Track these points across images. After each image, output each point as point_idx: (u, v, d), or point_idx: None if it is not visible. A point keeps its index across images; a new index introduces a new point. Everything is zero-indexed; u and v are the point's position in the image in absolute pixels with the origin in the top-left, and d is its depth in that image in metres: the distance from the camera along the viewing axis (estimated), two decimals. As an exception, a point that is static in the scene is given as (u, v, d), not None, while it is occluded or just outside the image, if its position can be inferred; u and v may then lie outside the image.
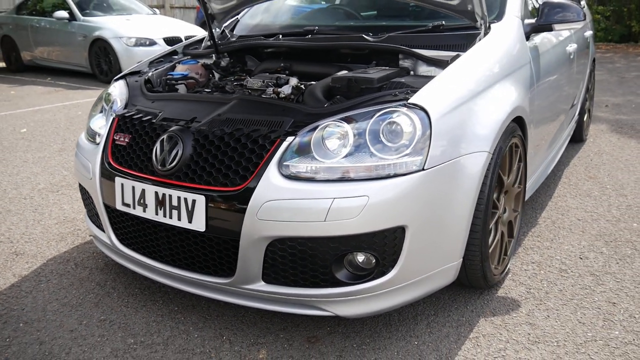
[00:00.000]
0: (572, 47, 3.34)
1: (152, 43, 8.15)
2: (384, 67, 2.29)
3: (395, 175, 1.71)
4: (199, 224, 1.81)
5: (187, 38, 8.43)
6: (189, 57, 2.85)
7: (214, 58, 2.79)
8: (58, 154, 4.42)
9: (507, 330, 1.99)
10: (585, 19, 2.61)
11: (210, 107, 2.06)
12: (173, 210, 1.86)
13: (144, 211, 1.94)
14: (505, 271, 2.33)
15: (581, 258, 2.53)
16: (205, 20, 2.84)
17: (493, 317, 2.08)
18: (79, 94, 7.40)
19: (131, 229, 2.07)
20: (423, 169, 1.74)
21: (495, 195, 2.11)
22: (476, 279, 2.11)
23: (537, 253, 2.58)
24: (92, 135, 2.35)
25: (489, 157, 1.95)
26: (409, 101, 1.80)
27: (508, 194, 2.30)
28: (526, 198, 2.64)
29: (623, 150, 4.29)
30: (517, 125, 2.26)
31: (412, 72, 2.28)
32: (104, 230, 2.22)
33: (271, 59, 2.73)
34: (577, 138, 4.39)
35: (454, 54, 2.22)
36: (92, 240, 2.81)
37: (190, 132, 1.92)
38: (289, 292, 1.80)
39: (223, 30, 3.07)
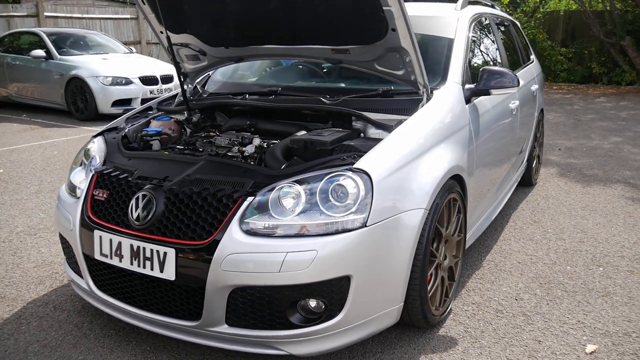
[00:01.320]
0: (514, 104, 3.70)
1: (128, 82, 8.41)
2: (338, 129, 2.58)
3: (342, 231, 1.98)
4: (169, 273, 2.05)
5: (162, 77, 8.75)
6: (163, 113, 3.11)
7: (185, 115, 3.06)
8: (35, 196, 4.59)
9: (444, 366, 2.25)
10: (519, 85, 2.96)
11: (180, 166, 2.31)
12: (146, 261, 2.10)
13: (120, 261, 2.17)
14: (447, 311, 2.60)
15: (516, 299, 2.82)
16: (178, 77, 3.11)
17: (432, 354, 2.33)
18: (55, 132, 7.57)
19: (107, 277, 2.29)
20: (365, 225, 2.02)
21: (435, 245, 2.40)
22: (417, 320, 2.37)
23: (478, 294, 2.86)
24: (72, 189, 2.58)
25: (426, 213, 2.24)
26: (354, 166, 2.09)
27: (448, 243, 2.59)
28: (470, 243, 2.93)
29: (568, 194, 4.66)
30: (455, 182, 2.57)
31: (362, 134, 2.58)
32: (82, 277, 2.43)
33: (238, 116, 3.01)
34: (527, 182, 4.75)
35: (399, 118, 2.53)
36: (69, 283, 3.00)
37: (162, 191, 2.17)
38: (249, 334, 2.04)
39: (195, 87, 3.35)
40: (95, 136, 2.80)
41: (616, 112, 9.54)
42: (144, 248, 2.10)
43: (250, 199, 2.05)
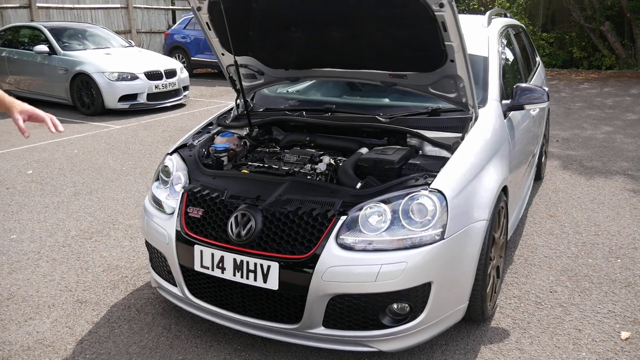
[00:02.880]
0: (535, 111, 4.04)
1: (134, 77, 8.51)
2: (398, 147, 2.87)
3: (425, 244, 2.29)
4: (272, 284, 2.33)
5: (166, 71, 8.87)
6: (222, 129, 3.34)
7: (246, 130, 3.31)
8: (75, 198, 4.79)
9: (503, 356, 2.60)
10: (548, 100, 3.28)
11: (266, 186, 2.58)
12: (250, 273, 2.37)
13: (222, 273, 2.44)
14: (495, 306, 2.94)
15: (551, 291, 3.18)
16: (241, 94, 3.31)
17: (491, 345, 2.68)
18: (66, 128, 7.65)
19: (206, 286, 2.55)
20: (443, 238, 2.33)
21: (491, 249, 2.73)
22: (476, 315, 2.71)
23: (516, 288, 3.22)
24: (157, 203, 2.82)
25: (487, 224, 2.56)
26: (431, 186, 2.39)
27: (496, 245, 2.92)
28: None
29: (575, 187, 5.05)
30: (502, 193, 2.89)
31: (420, 152, 2.88)
32: (174, 284, 2.70)
33: (295, 131, 3.27)
34: (537, 177, 5.12)
35: (450, 135, 2.84)
36: (144, 287, 3.25)
37: (259, 210, 2.43)
38: (344, 334, 2.34)
39: (246, 101, 3.59)
40: (169, 154, 3.03)
41: (602, 99, 10.01)
42: (247, 262, 2.37)
43: (343, 217, 2.33)
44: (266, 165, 2.88)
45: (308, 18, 2.87)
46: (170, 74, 8.95)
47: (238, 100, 3.52)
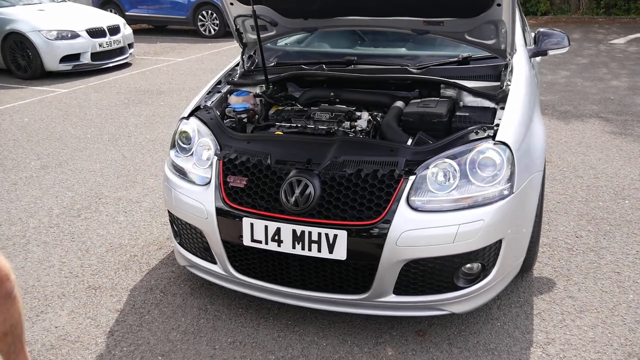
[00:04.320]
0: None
1: (75, 35, 7.75)
2: (438, 99, 2.71)
3: (497, 200, 2.18)
4: (340, 253, 2.15)
5: (109, 28, 8.16)
6: (234, 87, 3.04)
7: (262, 87, 3.03)
8: (45, 172, 4.31)
9: (557, 305, 2.59)
10: (569, 44, 3.23)
11: (315, 148, 2.35)
12: (312, 244, 2.18)
13: (279, 246, 2.23)
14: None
15: (577, 237, 3.21)
16: (260, 54, 2.97)
17: (542, 295, 2.66)
18: (5, 94, 6.91)
19: (255, 261, 2.34)
20: (512, 192, 2.23)
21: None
22: (527, 267, 2.68)
23: (543, 236, 3.22)
24: (181, 173, 2.53)
25: (542, 174, 2.49)
26: (497, 139, 2.26)
27: (535, 194, 2.88)
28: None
29: (558, 132, 5.13)
30: (541, 140, 2.82)
31: (461, 103, 2.74)
32: (214, 262, 2.46)
33: (315, 86, 3.03)
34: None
35: (489, 85, 2.72)
36: (159, 266, 2.98)
37: (314, 174, 2.22)
38: (416, 300, 2.22)
39: (250, 55, 3.28)
40: (185, 118, 2.70)
41: (549, 44, 10.26)
42: (309, 232, 2.17)
43: (412, 177, 2.17)
44: (299, 125, 2.64)
45: None
46: (114, 30, 8.22)
47: (244, 56, 3.21)
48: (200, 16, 11.59)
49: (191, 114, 2.72)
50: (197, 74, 8.02)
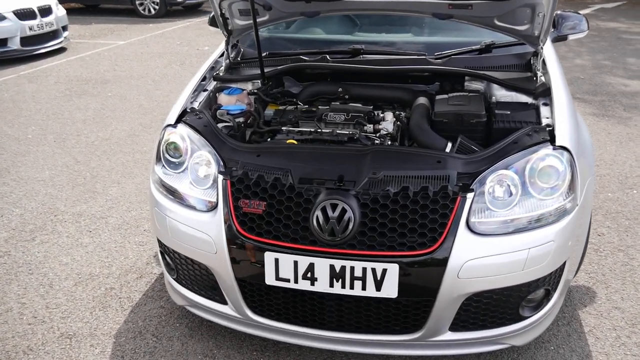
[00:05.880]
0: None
1: (1, 18, 6.84)
2: (466, 93, 2.37)
3: (564, 215, 1.86)
4: (389, 291, 1.78)
5: (40, 9, 7.34)
6: (222, 83, 2.58)
7: (257, 83, 2.58)
8: (-18, 186, 3.67)
9: (606, 319, 2.35)
10: (589, 28, 2.96)
11: (343, 160, 1.95)
12: (355, 281, 1.79)
13: (312, 284, 1.83)
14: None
15: (599, 235, 3.00)
16: (256, 43, 2.49)
17: (586, 308, 2.41)
18: None
19: (279, 302, 1.93)
20: (577, 204, 1.92)
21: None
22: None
23: (566, 235, 2.99)
24: (174, 194, 2.07)
25: (594, 179, 2.21)
26: (557, 144, 1.94)
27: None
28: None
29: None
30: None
31: (493, 98, 2.41)
32: (223, 303, 2.03)
33: (317, 80, 2.61)
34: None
35: (519, 76, 2.41)
36: (143, 302, 2.50)
37: (352, 196, 1.82)
38: (474, 336, 1.89)
39: (235, 44, 2.81)
40: (172, 125, 2.21)
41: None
42: (351, 267, 1.78)
43: (470, 195, 1.82)
44: (312, 130, 2.23)
45: None
46: (45, 11, 7.34)
47: (229, 45, 2.72)
48: (138, -6, 10.70)
49: (178, 120, 2.24)
50: (144, 59, 7.31)
